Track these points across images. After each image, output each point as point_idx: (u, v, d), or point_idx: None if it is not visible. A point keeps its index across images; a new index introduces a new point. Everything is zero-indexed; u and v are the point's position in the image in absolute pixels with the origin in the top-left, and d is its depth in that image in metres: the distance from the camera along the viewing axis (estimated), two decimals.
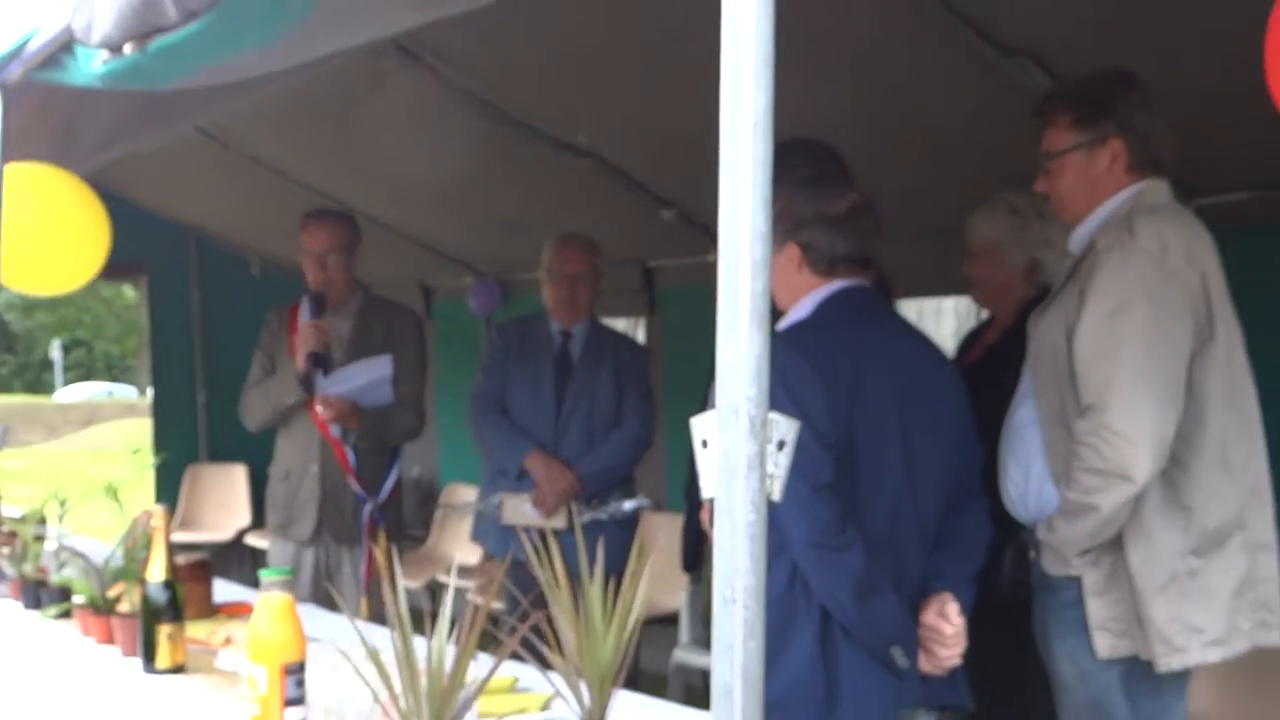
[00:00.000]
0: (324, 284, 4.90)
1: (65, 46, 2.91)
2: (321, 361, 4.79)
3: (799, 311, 3.07)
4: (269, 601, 2.49)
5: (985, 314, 4.27)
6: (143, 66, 2.63)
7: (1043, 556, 3.12)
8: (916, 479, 2.97)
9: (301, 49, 2.61)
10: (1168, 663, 2.96)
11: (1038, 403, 3.17)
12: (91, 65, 2.80)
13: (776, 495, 1.35)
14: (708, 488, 1.34)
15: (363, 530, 4.85)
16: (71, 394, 40.99)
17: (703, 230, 5.89)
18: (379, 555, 3.40)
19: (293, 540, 4.90)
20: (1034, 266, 3.78)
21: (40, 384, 45.39)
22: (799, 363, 2.87)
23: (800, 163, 3.44)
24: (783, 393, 2.80)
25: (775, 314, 3.14)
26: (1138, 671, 3.03)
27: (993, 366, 3.62)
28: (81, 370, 46.94)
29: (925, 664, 2.96)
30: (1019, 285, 3.81)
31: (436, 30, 4.62)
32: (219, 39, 2.46)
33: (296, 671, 2.46)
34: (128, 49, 2.61)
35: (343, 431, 4.83)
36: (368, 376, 4.86)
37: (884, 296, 3.35)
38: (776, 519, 2.80)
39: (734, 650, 1.31)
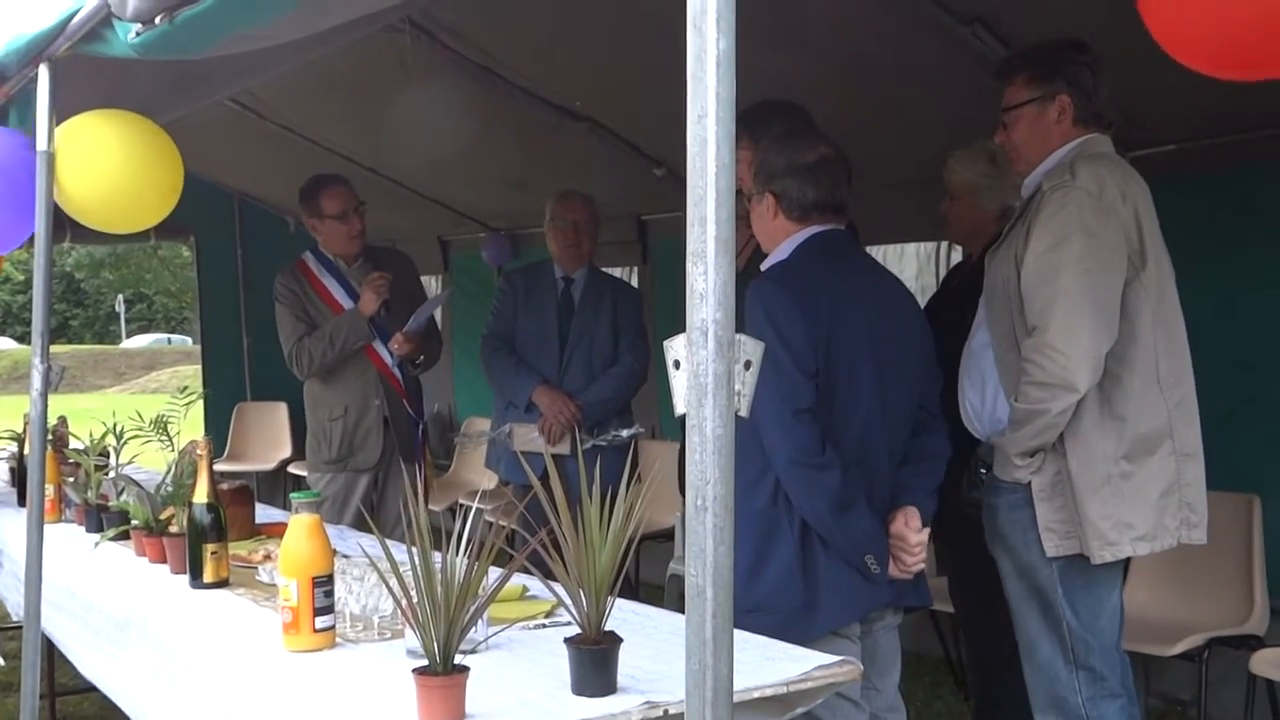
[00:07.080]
0: (361, 234, 4.87)
1: (104, 21, 2.85)
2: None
3: (779, 254, 3.04)
4: (299, 521, 2.47)
5: (944, 257, 4.20)
6: (173, 36, 2.57)
7: (995, 462, 3.11)
8: (886, 402, 2.95)
9: (315, 18, 2.55)
10: (1101, 555, 2.98)
11: (991, 328, 3.16)
12: (127, 37, 2.73)
13: (744, 411, 1.31)
14: (679, 405, 1.30)
15: (418, 446, 4.95)
16: (135, 343, 41.03)
17: None
18: (407, 479, 3.37)
19: (349, 470, 4.83)
20: (1004, 213, 3.68)
21: (107, 334, 45.49)
22: (782, 298, 2.85)
23: (774, 120, 3.40)
24: (768, 325, 2.77)
25: (760, 257, 3.11)
26: (1073, 569, 3.04)
27: (957, 304, 3.57)
28: (143, 322, 47.02)
29: (893, 569, 2.95)
30: (989, 228, 3.71)
31: (446, 8, 4.56)
32: (240, 8, 2.41)
33: (325, 583, 2.44)
34: (159, 20, 2.56)
35: (399, 363, 4.84)
36: (430, 310, 4.94)
37: (854, 240, 3.29)
38: (761, 440, 2.78)
39: (705, 554, 1.27)
